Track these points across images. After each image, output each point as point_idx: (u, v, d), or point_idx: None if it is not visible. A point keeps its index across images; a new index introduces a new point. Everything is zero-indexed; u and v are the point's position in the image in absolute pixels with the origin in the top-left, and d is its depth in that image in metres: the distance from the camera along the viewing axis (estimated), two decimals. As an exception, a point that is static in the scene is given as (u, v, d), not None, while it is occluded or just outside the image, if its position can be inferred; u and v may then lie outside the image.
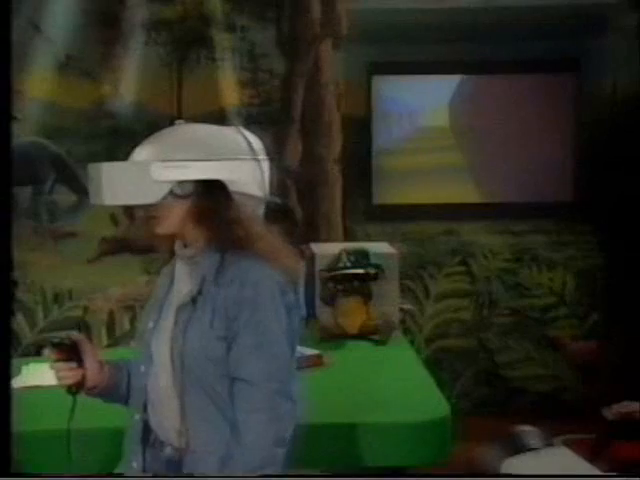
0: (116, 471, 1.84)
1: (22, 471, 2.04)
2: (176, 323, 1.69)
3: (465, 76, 4.32)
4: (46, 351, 1.79)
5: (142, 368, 1.75)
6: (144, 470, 1.75)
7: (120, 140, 4.06)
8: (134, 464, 1.74)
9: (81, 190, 4.18)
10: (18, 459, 2.05)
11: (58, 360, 1.74)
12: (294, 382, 1.68)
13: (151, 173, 1.64)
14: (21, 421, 2.15)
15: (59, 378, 1.75)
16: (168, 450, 1.72)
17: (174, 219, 1.69)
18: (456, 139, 4.37)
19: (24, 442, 2.10)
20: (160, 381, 1.71)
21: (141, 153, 1.70)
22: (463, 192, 4.39)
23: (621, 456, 3.14)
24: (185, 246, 1.74)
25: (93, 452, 2.04)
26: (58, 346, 1.74)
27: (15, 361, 2.99)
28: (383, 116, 4.33)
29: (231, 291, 1.64)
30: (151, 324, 1.75)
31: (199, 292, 1.67)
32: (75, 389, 1.76)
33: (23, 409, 2.25)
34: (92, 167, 1.71)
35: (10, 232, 1.57)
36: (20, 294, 4.16)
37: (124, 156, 1.75)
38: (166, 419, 1.71)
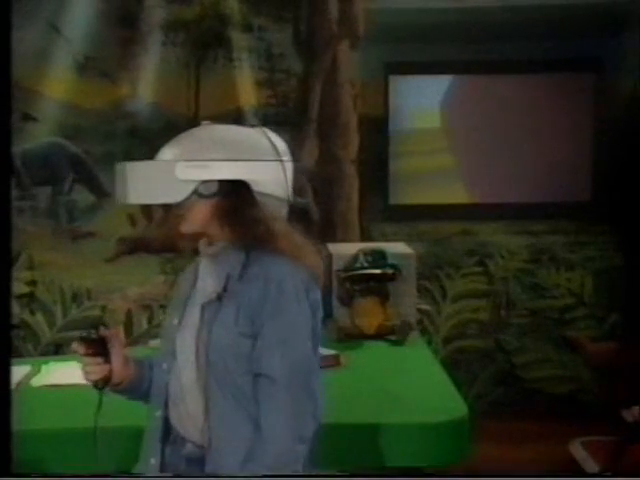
0: (135, 469, 1.84)
1: (34, 470, 2.05)
2: (202, 320, 1.69)
3: (482, 76, 4.30)
4: (74, 345, 1.74)
5: (164, 365, 1.75)
6: (162, 467, 1.75)
7: (138, 140, 4.09)
8: (152, 461, 1.75)
9: (99, 190, 4.21)
10: (38, 457, 2.07)
11: (86, 355, 1.72)
12: (317, 380, 1.68)
13: (176, 172, 1.66)
14: (41, 419, 2.18)
15: (86, 373, 1.74)
16: (189, 447, 1.72)
17: (198, 218, 1.71)
18: (475, 139, 4.35)
19: (44, 440, 2.13)
20: (183, 378, 1.72)
21: (167, 153, 1.71)
22: (480, 192, 4.37)
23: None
24: (210, 244, 1.76)
25: (116, 450, 2.05)
26: (86, 340, 1.72)
27: (34, 360, 3.03)
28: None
29: (255, 288, 1.66)
30: (175, 321, 1.76)
31: (224, 289, 1.69)
32: (102, 385, 1.74)
33: (43, 407, 2.28)
34: (118, 166, 1.71)
35: (10, 230, 1.57)
36: (39, 294, 4.19)
37: (142, 156, 1.75)
38: (188, 416, 1.72)
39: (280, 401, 1.63)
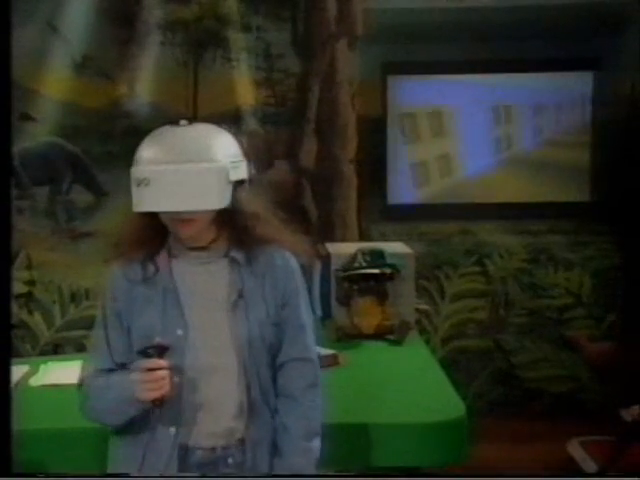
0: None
1: (33, 470, 2.05)
2: (234, 320, 1.71)
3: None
4: (138, 363, 1.65)
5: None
6: None
7: (136, 140, 4.07)
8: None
9: (98, 190, 4.21)
10: (38, 457, 2.07)
11: (152, 369, 1.63)
12: None
13: (230, 174, 1.65)
14: (39, 419, 2.17)
15: (150, 390, 1.63)
16: (199, 454, 1.72)
17: (205, 221, 1.70)
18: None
19: (42, 440, 2.12)
20: (211, 384, 1.70)
21: (152, 152, 1.69)
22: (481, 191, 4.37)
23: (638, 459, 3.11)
24: (193, 248, 1.74)
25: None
26: (150, 354, 1.64)
27: (33, 360, 3.02)
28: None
29: (278, 281, 1.74)
30: (180, 332, 1.70)
31: (240, 287, 1.73)
32: (160, 402, 1.65)
33: (41, 407, 2.28)
34: (167, 171, 1.62)
35: (10, 230, 1.57)
36: (38, 293, 4.19)
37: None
38: (206, 422, 1.71)
39: (313, 379, 1.79)
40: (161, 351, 1.64)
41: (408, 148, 4.32)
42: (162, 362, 1.63)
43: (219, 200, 1.65)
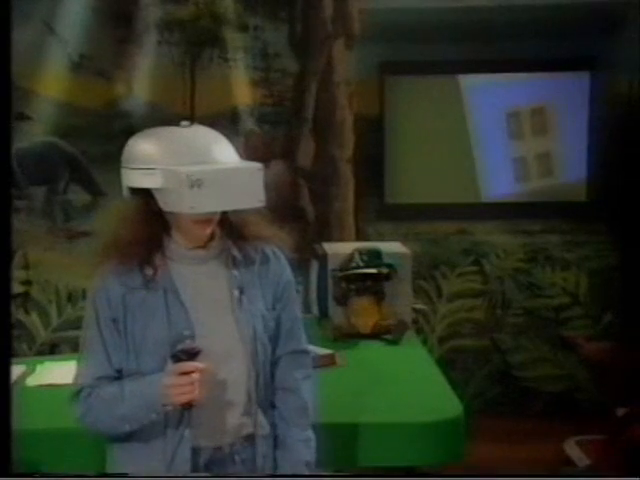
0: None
1: (30, 470, 2.05)
2: (240, 315, 1.72)
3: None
4: (170, 367, 1.65)
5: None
6: None
7: (134, 140, 4.07)
8: None
9: (95, 189, 4.20)
10: (34, 456, 2.07)
11: (185, 373, 1.63)
12: None
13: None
14: (36, 419, 2.17)
15: (181, 394, 1.63)
16: (207, 453, 1.73)
17: (217, 220, 1.73)
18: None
19: (39, 440, 2.12)
20: (215, 384, 1.70)
21: (157, 152, 1.72)
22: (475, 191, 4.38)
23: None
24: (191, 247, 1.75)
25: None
26: (181, 358, 1.63)
27: (29, 360, 3.02)
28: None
29: (272, 276, 1.77)
30: (187, 332, 1.69)
31: (241, 284, 1.75)
32: (189, 406, 1.66)
33: (38, 407, 2.28)
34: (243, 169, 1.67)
35: (10, 230, 1.57)
36: (34, 293, 4.18)
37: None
38: (216, 420, 1.72)
39: (309, 369, 1.84)
40: (193, 354, 1.64)
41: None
42: (197, 365, 1.63)
43: (263, 198, 1.68)
